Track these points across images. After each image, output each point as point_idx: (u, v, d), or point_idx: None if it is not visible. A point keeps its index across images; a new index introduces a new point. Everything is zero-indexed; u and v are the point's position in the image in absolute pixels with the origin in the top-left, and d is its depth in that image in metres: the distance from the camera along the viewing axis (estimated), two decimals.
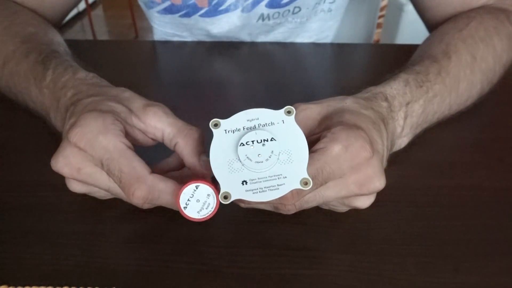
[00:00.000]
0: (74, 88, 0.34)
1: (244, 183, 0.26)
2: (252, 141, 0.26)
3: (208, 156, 0.27)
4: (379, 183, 0.28)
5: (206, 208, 0.27)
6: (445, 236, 0.32)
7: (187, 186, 0.26)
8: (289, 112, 0.27)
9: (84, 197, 0.32)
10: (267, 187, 0.25)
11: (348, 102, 0.32)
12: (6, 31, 0.44)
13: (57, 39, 0.46)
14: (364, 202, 0.30)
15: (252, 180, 0.26)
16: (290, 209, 0.28)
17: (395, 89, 0.35)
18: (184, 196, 0.27)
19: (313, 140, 0.30)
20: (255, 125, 0.27)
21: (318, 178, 0.27)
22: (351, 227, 0.33)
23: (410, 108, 0.36)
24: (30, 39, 0.43)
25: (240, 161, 0.25)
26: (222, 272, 0.30)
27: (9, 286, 0.28)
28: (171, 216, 0.33)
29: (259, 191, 0.25)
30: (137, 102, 0.32)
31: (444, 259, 0.30)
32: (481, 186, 0.37)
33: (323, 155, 0.27)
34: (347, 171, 0.28)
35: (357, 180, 0.28)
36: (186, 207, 0.27)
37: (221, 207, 0.27)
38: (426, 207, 0.35)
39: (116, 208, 0.34)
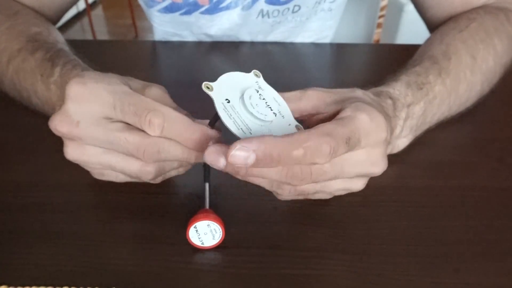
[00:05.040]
0: None
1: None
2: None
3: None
4: (385, 166, 0.29)
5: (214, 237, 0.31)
6: (445, 236, 0.32)
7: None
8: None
9: (84, 197, 0.32)
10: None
11: (359, 92, 0.32)
12: (10, 31, 0.44)
13: (61, 39, 0.46)
14: (362, 184, 0.30)
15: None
16: (304, 177, 0.26)
17: (398, 90, 0.36)
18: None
19: (319, 118, 0.30)
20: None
21: (352, 140, 0.26)
22: (351, 227, 0.33)
23: (411, 110, 0.36)
24: (35, 39, 0.43)
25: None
26: (222, 272, 0.30)
27: (9, 286, 0.28)
28: (171, 216, 0.34)
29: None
30: (137, 82, 0.32)
31: (444, 259, 0.30)
32: (481, 186, 0.37)
33: (353, 121, 0.26)
34: (366, 145, 0.27)
35: (370, 158, 0.28)
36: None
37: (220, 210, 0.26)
38: (426, 207, 0.35)
39: (116, 208, 0.34)
